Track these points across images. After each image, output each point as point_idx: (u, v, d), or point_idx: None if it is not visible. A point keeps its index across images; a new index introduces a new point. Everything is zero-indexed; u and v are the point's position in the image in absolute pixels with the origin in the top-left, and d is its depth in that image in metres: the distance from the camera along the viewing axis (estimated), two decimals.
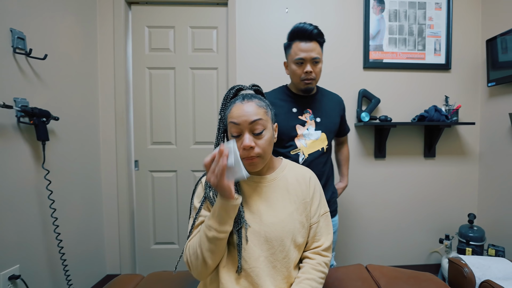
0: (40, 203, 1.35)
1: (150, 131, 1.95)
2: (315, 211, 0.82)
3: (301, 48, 1.09)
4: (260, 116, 0.72)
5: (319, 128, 1.17)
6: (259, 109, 0.73)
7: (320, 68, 1.14)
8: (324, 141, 1.17)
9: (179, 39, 1.91)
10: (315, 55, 1.09)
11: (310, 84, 1.14)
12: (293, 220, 0.77)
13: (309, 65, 1.10)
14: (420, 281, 1.02)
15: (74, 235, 1.59)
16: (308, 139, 1.16)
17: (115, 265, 1.91)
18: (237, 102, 0.74)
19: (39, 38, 1.36)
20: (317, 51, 1.10)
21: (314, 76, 1.12)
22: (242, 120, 0.71)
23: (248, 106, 0.72)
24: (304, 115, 1.18)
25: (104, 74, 1.85)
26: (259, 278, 0.72)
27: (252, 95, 0.77)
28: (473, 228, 1.76)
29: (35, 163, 1.33)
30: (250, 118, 0.71)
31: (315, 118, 1.18)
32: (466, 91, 1.97)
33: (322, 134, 1.17)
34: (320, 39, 1.12)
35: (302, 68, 1.11)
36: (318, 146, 1.16)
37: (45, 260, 1.38)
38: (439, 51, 1.91)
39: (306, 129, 1.16)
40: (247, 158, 0.73)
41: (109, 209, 1.89)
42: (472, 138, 1.98)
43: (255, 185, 0.80)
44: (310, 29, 1.08)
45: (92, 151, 1.78)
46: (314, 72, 1.12)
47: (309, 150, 1.15)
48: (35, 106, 1.31)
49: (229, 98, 0.78)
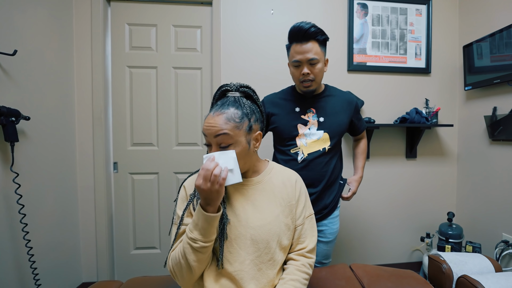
0: (8, 208, 1.26)
1: (130, 131, 1.88)
2: (300, 213, 0.83)
3: (297, 50, 1.07)
4: (227, 130, 0.69)
5: (321, 128, 1.14)
6: (228, 123, 0.70)
7: (319, 68, 1.08)
8: (326, 141, 1.14)
9: (162, 37, 1.86)
10: (311, 56, 1.05)
11: (310, 86, 1.11)
12: (279, 222, 0.77)
13: (306, 67, 1.07)
14: (401, 278, 1.05)
15: (46, 241, 1.50)
16: (309, 138, 1.14)
17: (91, 272, 1.82)
18: (211, 112, 0.73)
19: (7, 32, 1.28)
20: (314, 51, 1.06)
21: (312, 78, 1.09)
22: (208, 133, 0.70)
23: (217, 119, 0.70)
24: (307, 114, 1.16)
25: (80, 72, 1.77)
26: (243, 282, 0.72)
27: (231, 103, 0.73)
28: (452, 226, 1.82)
29: (3, 165, 1.24)
30: (213, 131, 0.69)
31: (318, 117, 1.15)
32: (445, 94, 2.03)
33: (325, 134, 1.14)
34: (319, 37, 1.06)
35: (300, 71, 1.09)
36: (319, 146, 1.14)
37: (13, 269, 1.29)
38: (419, 55, 1.97)
39: (308, 129, 1.15)
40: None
41: (85, 214, 1.80)
42: (451, 139, 2.05)
43: (240, 187, 0.79)
44: (306, 28, 1.04)
45: (67, 152, 1.69)
46: (313, 73, 1.08)
47: (309, 150, 1.14)
48: (3, 104, 1.22)
49: (215, 100, 0.79)
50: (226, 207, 0.75)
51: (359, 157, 1.38)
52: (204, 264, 0.70)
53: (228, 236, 0.73)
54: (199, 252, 0.67)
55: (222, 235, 0.72)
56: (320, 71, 1.10)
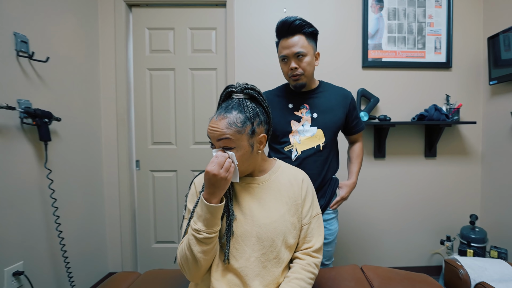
0: (43, 202, 1.39)
1: (150, 131, 1.98)
2: (306, 212, 0.83)
3: (283, 45, 1.06)
4: (228, 135, 0.71)
5: (315, 124, 1.12)
6: (230, 128, 0.71)
7: (307, 62, 1.06)
8: (320, 138, 1.12)
9: (179, 40, 1.94)
10: (297, 49, 1.04)
11: (299, 80, 1.09)
12: (284, 221, 0.78)
13: (293, 61, 1.06)
14: (414, 282, 1.00)
15: (76, 233, 1.63)
16: (302, 135, 1.12)
17: (117, 263, 1.95)
18: (215, 115, 0.74)
19: (41, 41, 1.40)
20: (301, 45, 1.04)
21: (301, 72, 1.07)
22: (211, 136, 0.73)
23: (220, 123, 0.71)
24: (300, 110, 1.14)
25: (105, 75, 1.89)
26: (248, 278, 0.74)
27: (234, 106, 0.74)
28: (474, 229, 1.73)
29: (38, 163, 1.37)
30: (215, 135, 0.72)
31: (311, 114, 1.13)
32: (467, 89, 1.94)
33: (319, 130, 1.12)
34: (306, 30, 1.04)
35: (288, 65, 1.08)
36: (313, 143, 1.12)
37: (48, 258, 1.42)
38: (439, 49, 1.89)
39: (301, 125, 1.12)
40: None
41: (110, 208, 1.93)
42: (474, 137, 1.96)
43: (247, 186, 0.81)
44: (291, 21, 1.02)
45: (94, 151, 1.82)
46: (301, 67, 1.06)
47: (302, 147, 1.12)
48: (37, 107, 1.35)
49: (221, 100, 0.80)
50: (233, 204, 0.78)
51: (354, 162, 1.30)
52: (210, 256, 0.72)
53: (234, 233, 0.75)
54: (204, 243, 0.69)
55: (229, 231, 0.74)
56: (308, 65, 1.07)
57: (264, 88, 1.82)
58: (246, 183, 0.81)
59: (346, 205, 1.94)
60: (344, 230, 1.95)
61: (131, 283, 1.06)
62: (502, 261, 1.36)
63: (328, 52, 1.88)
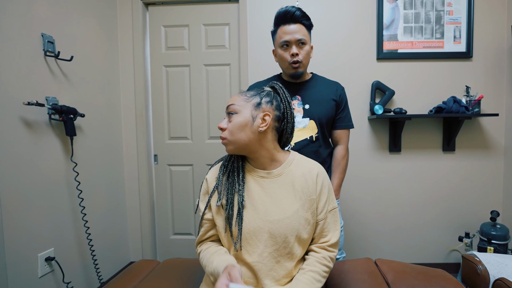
0: (70, 193, 1.48)
1: (167, 126, 2.04)
2: (322, 207, 0.80)
3: (285, 31, 1.08)
4: (235, 101, 0.78)
5: (307, 115, 1.12)
6: (240, 97, 0.79)
7: (307, 51, 1.10)
8: (313, 129, 1.12)
9: (193, 37, 1.98)
10: (299, 36, 1.07)
11: (298, 67, 1.10)
12: (298, 217, 0.77)
13: (295, 47, 1.08)
14: (430, 277, 0.98)
15: (100, 223, 1.73)
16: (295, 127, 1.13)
17: (137, 253, 2.04)
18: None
19: (66, 41, 1.48)
20: (302, 33, 1.08)
21: (300, 59, 1.09)
22: (226, 106, 0.80)
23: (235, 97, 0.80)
24: (292, 102, 1.13)
25: (124, 72, 1.97)
26: (261, 273, 0.75)
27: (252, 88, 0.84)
28: (496, 226, 1.68)
29: (65, 156, 1.46)
30: (228, 104, 0.79)
31: (303, 105, 1.14)
32: (489, 80, 1.86)
33: (311, 121, 1.12)
34: (305, 21, 1.09)
35: (288, 51, 1.09)
36: (306, 135, 1.12)
37: (75, 246, 1.52)
38: (459, 38, 1.82)
39: None
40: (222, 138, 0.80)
41: (131, 201, 2.02)
42: (496, 130, 1.88)
43: (260, 180, 0.80)
44: (293, 10, 1.06)
45: (115, 145, 1.91)
46: (301, 55, 1.08)
47: (295, 139, 1.12)
48: (63, 104, 1.43)
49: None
50: (245, 196, 0.78)
51: (334, 172, 1.19)
52: None
53: (247, 228, 0.75)
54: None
55: (240, 220, 0.76)
56: (307, 54, 1.11)
57: None
58: (259, 177, 0.80)
59: (361, 200, 1.93)
60: (358, 224, 1.95)
61: (151, 270, 1.11)
62: None
63: (341, 44, 1.86)
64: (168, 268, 1.12)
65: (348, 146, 1.23)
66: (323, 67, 1.84)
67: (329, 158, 1.21)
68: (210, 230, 0.83)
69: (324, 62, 1.87)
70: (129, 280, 1.05)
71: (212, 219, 0.81)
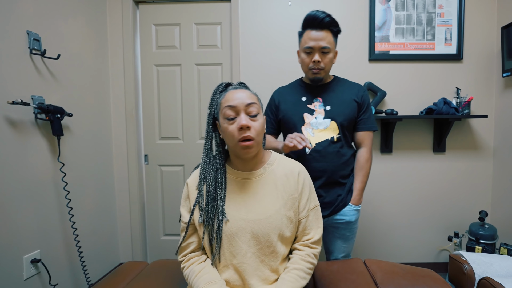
0: (57, 194, 1.46)
1: (158, 126, 2.02)
2: (304, 205, 0.82)
3: (311, 36, 1.08)
4: (254, 100, 0.76)
5: (328, 117, 1.13)
6: (253, 96, 0.78)
7: (330, 58, 1.10)
8: (334, 130, 1.12)
9: (185, 36, 1.96)
10: (324, 44, 1.07)
11: (318, 74, 1.12)
12: (280, 215, 0.78)
13: (318, 55, 1.08)
14: (418, 276, 0.99)
15: (89, 225, 1.70)
16: (315, 128, 1.13)
17: (127, 254, 2.02)
18: (230, 90, 0.78)
19: (53, 39, 1.45)
20: (328, 41, 1.07)
21: (322, 66, 1.10)
22: (239, 102, 0.74)
23: (242, 92, 0.76)
24: (314, 103, 1.16)
25: (114, 71, 1.94)
26: (246, 274, 0.75)
27: (243, 86, 0.81)
28: (484, 226, 1.70)
29: (52, 156, 1.43)
30: (245, 101, 0.74)
31: (324, 106, 1.14)
32: (479, 82, 1.88)
33: (332, 122, 1.12)
34: (333, 28, 1.09)
35: (311, 57, 1.10)
36: (327, 135, 1.12)
37: (63, 247, 1.49)
38: (450, 40, 1.84)
39: (314, 118, 1.13)
40: (243, 141, 0.73)
41: (121, 201, 2.00)
42: (486, 131, 1.90)
43: (243, 181, 0.81)
44: (322, 17, 1.05)
45: (104, 145, 1.88)
46: (323, 62, 1.09)
47: (316, 140, 1.12)
48: (50, 103, 1.40)
49: (219, 93, 0.80)
50: (226, 201, 0.79)
51: (357, 175, 1.18)
52: None
53: (229, 230, 0.76)
54: None
55: (218, 234, 0.75)
56: (330, 61, 1.11)
57: (270, 82, 1.84)
58: (242, 178, 0.81)
59: None
60: None
61: (139, 271, 1.10)
62: (509, 258, 1.34)
63: None
64: (157, 269, 1.11)
65: (371, 149, 1.21)
66: None
67: (352, 159, 1.20)
68: (191, 235, 0.82)
69: None
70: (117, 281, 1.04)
71: (193, 223, 0.81)
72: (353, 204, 1.17)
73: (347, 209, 1.17)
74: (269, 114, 1.27)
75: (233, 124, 0.74)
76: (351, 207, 1.17)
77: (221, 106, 0.77)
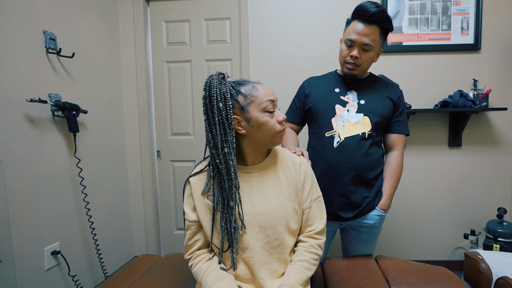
0: (74, 189, 1.51)
1: (170, 122, 2.05)
2: (306, 196, 0.83)
3: (356, 29, 0.99)
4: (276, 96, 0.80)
5: (361, 111, 1.05)
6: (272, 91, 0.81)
7: (369, 56, 1.01)
8: (367, 126, 1.04)
9: (194, 32, 1.97)
10: (367, 41, 0.98)
11: (353, 70, 1.04)
12: (285, 207, 0.78)
13: (357, 50, 1.00)
14: (431, 274, 0.97)
15: (104, 218, 1.75)
16: (346, 121, 1.05)
17: (142, 247, 2.07)
18: (252, 83, 0.78)
19: (67, 37, 1.49)
20: (372, 38, 0.98)
21: (359, 63, 1.02)
22: (275, 97, 0.78)
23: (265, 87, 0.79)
24: (347, 95, 1.08)
25: (126, 68, 1.97)
26: (255, 267, 0.76)
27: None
28: (502, 223, 1.64)
29: (69, 152, 1.48)
30: (274, 96, 0.78)
31: (359, 100, 1.07)
32: (498, 73, 1.80)
33: (365, 117, 1.05)
34: (383, 25, 0.99)
35: (349, 51, 1.02)
36: (358, 130, 1.04)
37: (81, 240, 1.55)
38: (466, 30, 1.76)
39: (347, 111, 1.06)
40: (283, 131, 0.79)
41: (135, 196, 2.04)
42: (505, 125, 1.82)
43: (246, 177, 0.80)
44: (372, 11, 0.95)
45: (118, 141, 1.93)
46: (361, 59, 1.01)
47: (346, 133, 1.04)
48: (66, 100, 1.44)
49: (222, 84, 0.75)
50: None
51: (387, 179, 1.10)
52: None
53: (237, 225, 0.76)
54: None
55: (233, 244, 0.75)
56: (369, 59, 1.03)
57: (280, 76, 1.83)
58: (245, 174, 0.80)
59: None
60: None
61: (152, 264, 1.13)
62: None
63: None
64: (169, 262, 1.14)
65: (403, 154, 1.14)
66: (326, 61, 1.81)
67: (382, 160, 1.13)
68: (197, 233, 0.82)
69: (327, 56, 1.84)
70: (130, 274, 1.07)
71: (198, 220, 0.80)
72: (381, 209, 1.09)
73: (373, 213, 1.09)
74: (296, 103, 1.21)
75: (274, 117, 0.76)
76: (378, 212, 1.09)
77: (256, 98, 0.74)
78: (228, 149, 0.72)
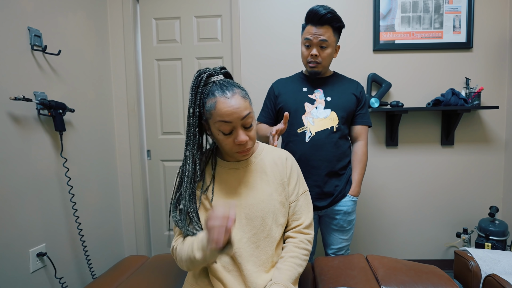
0: (61, 189, 1.47)
1: (160, 121, 2.02)
2: (292, 190, 0.83)
3: (310, 31, 1.12)
4: (248, 108, 0.71)
5: (328, 107, 1.17)
6: (245, 101, 0.71)
7: (328, 53, 1.14)
8: (334, 120, 1.16)
9: (185, 29, 1.94)
10: (322, 39, 1.11)
11: (315, 67, 1.16)
12: (272, 200, 0.79)
13: (315, 49, 1.12)
14: (421, 273, 0.97)
15: (93, 219, 1.72)
16: (316, 117, 1.17)
17: (132, 248, 2.04)
18: (219, 97, 0.68)
19: (53, 34, 1.45)
20: (327, 36, 1.10)
21: (319, 61, 1.14)
22: (235, 118, 0.68)
23: (235, 100, 0.68)
24: (315, 94, 1.20)
25: (115, 67, 1.94)
26: (242, 259, 0.75)
27: (230, 83, 0.72)
28: (494, 222, 1.65)
29: (55, 151, 1.44)
30: (241, 114, 0.69)
31: (325, 97, 1.19)
32: (490, 72, 1.80)
33: (332, 113, 1.17)
34: (335, 24, 1.11)
35: (309, 51, 1.14)
36: (327, 125, 1.16)
37: (68, 241, 1.51)
38: (458, 28, 1.76)
39: (315, 108, 1.18)
40: (241, 152, 0.75)
41: (125, 196, 2.01)
42: (497, 123, 1.83)
43: (232, 170, 0.81)
44: (322, 13, 1.08)
45: (107, 141, 1.89)
46: (321, 57, 1.13)
47: (316, 128, 1.16)
48: (52, 99, 1.41)
49: (201, 87, 0.71)
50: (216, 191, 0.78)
51: (355, 168, 1.24)
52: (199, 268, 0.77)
53: None
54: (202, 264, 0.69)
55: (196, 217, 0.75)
56: (328, 56, 1.15)
57: (271, 74, 1.81)
58: (231, 169, 0.81)
59: None
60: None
61: (140, 265, 1.12)
62: None
63: None
64: (157, 263, 1.13)
65: (367, 143, 1.28)
66: None
67: (349, 151, 1.25)
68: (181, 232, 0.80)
69: None
70: (117, 275, 1.06)
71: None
72: (352, 195, 1.23)
73: (346, 200, 1.22)
74: (267, 104, 1.31)
75: (230, 138, 0.72)
76: (350, 198, 1.22)
77: (212, 116, 0.69)
78: (189, 152, 0.74)
